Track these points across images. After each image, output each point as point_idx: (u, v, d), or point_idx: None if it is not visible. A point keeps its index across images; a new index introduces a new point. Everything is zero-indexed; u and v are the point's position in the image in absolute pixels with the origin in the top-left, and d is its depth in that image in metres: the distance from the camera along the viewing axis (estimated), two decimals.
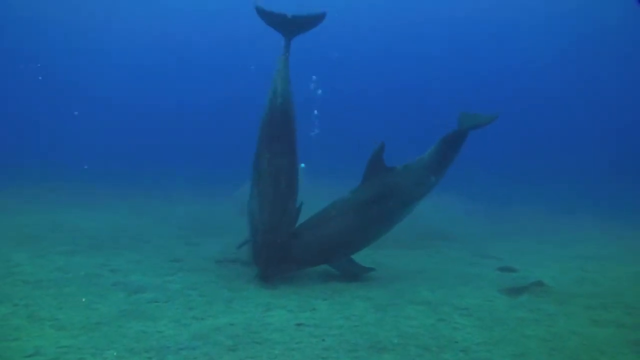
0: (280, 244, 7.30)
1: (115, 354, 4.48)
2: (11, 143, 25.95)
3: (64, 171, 20.37)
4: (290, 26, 9.17)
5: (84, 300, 5.89)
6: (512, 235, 12.69)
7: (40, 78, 35.20)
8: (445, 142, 8.78)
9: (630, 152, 28.54)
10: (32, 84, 36.10)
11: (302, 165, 9.79)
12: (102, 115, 33.15)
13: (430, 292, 6.96)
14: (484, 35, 38.93)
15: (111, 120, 32.85)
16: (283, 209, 7.58)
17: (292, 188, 7.86)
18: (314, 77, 14.68)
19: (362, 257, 9.00)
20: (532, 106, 37.16)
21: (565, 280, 7.89)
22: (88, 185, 18.05)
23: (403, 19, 38.49)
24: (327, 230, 7.74)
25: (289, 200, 7.74)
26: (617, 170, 24.28)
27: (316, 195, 8.62)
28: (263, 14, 9.27)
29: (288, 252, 7.45)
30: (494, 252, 10.35)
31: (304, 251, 7.56)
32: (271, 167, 7.83)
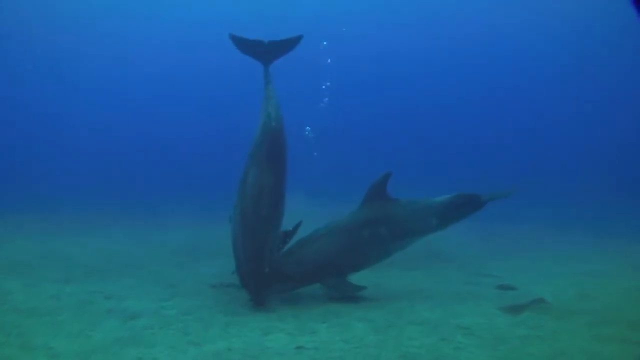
0: (267, 271, 7.12)
1: None
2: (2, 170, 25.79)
3: (55, 198, 20.24)
4: (267, 53, 9.27)
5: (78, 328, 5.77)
6: (508, 253, 12.62)
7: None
8: (461, 198, 8.60)
9: (621, 169, 28.66)
10: (20, 109, 36.06)
11: (308, 128, 9.60)
12: (94, 141, 33.10)
13: (430, 312, 6.86)
14: (485, 49, 39.19)
15: (103, 146, 32.79)
16: (266, 235, 7.30)
17: (276, 212, 7.64)
18: (324, 42, 14.57)
19: (358, 278, 8.91)
20: (527, 124, 37.41)
21: (565, 296, 7.82)
22: (80, 212, 17.90)
23: (403, 34, 38.71)
24: (316, 247, 7.70)
25: (273, 225, 7.50)
26: (608, 187, 24.33)
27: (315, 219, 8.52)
28: (238, 42, 9.44)
29: (279, 273, 7.36)
30: (490, 270, 10.27)
31: (294, 268, 7.50)
32: (255, 190, 7.57)
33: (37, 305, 6.61)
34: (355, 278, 7.97)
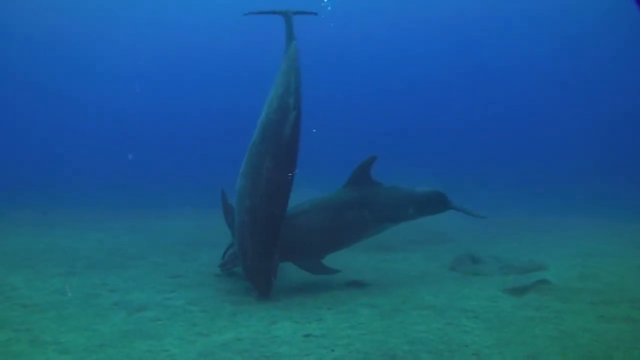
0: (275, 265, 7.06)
1: None
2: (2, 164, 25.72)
3: (54, 192, 20.22)
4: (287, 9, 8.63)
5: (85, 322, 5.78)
6: (507, 235, 12.67)
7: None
8: (437, 195, 8.73)
9: (613, 151, 28.76)
10: (22, 100, 35.92)
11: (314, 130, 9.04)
12: (93, 132, 33.04)
13: (434, 296, 6.90)
14: (476, 36, 39.08)
15: (102, 136, 32.71)
16: (276, 232, 7.07)
17: (286, 206, 7.39)
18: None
19: (359, 262, 8.96)
20: (520, 107, 37.43)
21: (567, 277, 7.88)
22: (79, 205, 17.88)
23: (394, 20, 38.54)
24: (296, 223, 7.59)
25: (282, 220, 7.26)
26: (600, 169, 24.42)
27: None
28: (256, 13, 8.88)
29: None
30: (491, 252, 10.31)
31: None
32: (270, 187, 7.08)
33: (42, 300, 6.61)
34: (357, 262, 8.01)
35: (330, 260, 7.83)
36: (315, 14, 9.34)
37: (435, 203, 8.70)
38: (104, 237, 12.12)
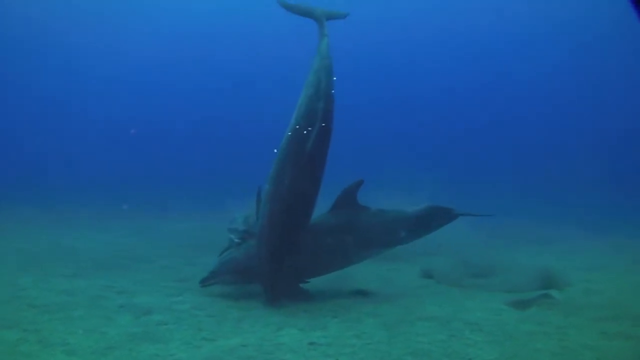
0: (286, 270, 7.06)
1: None
2: (5, 163, 25.83)
3: (56, 192, 20.32)
4: (320, 12, 8.57)
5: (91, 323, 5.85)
6: (509, 247, 12.66)
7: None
8: (433, 211, 8.50)
9: (614, 164, 28.69)
10: (26, 102, 36.12)
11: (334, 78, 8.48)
12: (98, 134, 33.18)
13: (438, 307, 6.96)
14: (483, 45, 39.18)
15: (106, 138, 32.85)
16: (292, 239, 7.09)
17: (307, 217, 7.34)
18: None
19: (364, 271, 8.97)
20: (522, 118, 37.48)
21: (570, 291, 7.91)
22: (82, 205, 17.95)
23: (404, 31, 38.66)
24: None
25: (300, 230, 7.25)
26: (601, 182, 24.35)
27: None
28: (289, 7, 8.79)
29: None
30: (496, 265, 10.29)
31: (244, 261, 7.48)
32: (290, 196, 7.08)
33: (50, 301, 6.67)
34: (364, 272, 8.06)
35: None
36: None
37: (434, 218, 8.48)
38: (109, 238, 12.22)
